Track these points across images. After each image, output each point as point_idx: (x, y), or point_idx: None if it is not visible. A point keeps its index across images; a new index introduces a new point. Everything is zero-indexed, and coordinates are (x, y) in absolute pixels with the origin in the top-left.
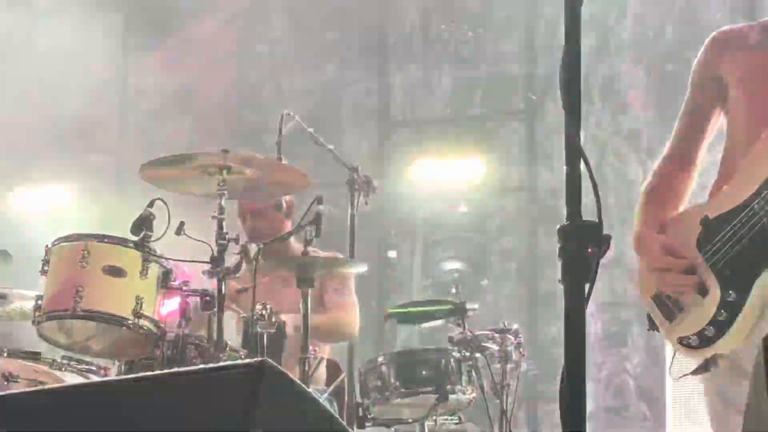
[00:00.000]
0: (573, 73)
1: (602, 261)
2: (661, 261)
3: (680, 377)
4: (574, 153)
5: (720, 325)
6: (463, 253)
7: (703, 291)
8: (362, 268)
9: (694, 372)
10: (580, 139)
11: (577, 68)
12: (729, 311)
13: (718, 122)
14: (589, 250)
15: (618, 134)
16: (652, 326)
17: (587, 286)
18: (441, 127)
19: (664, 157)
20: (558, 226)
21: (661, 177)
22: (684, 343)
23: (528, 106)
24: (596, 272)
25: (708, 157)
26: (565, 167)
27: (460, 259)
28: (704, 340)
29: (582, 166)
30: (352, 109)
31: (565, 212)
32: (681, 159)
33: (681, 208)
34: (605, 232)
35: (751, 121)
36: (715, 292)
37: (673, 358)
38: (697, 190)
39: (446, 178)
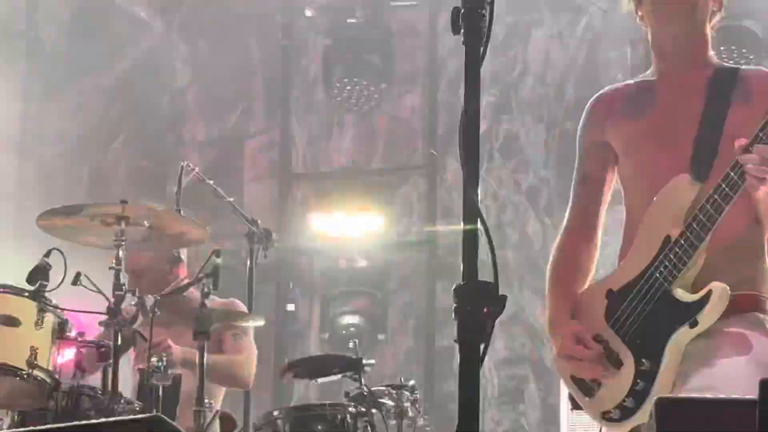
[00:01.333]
0: (472, 130)
1: (500, 318)
2: (573, 350)
3: None
4: (472, 211)
5: (639, 395)
6: (361, 308)
7: (617, 363)
8: (260, 322)
9: None
10: (478, 197)
11: (476, 126)
12: (645, 380)
13: (614, 182)
14: (485, 310)
15: (518, 192)
16: (575, 405)
17: (482, 346)
18: (342, 180)
19: (564, 229)
20: (454, 286)
21: (564, 252)
22: (607, 417)
23: (429, 162)
24: (491, 332)
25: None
26: (462, 225)
27: (358, 313)
28: (625, 412)
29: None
30: (253, 161)
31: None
32: (582, 229)
33: (590, 277)
34: (502, 290)
35: (643, 189)
36: (629, 363)
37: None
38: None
39: (346, 232)
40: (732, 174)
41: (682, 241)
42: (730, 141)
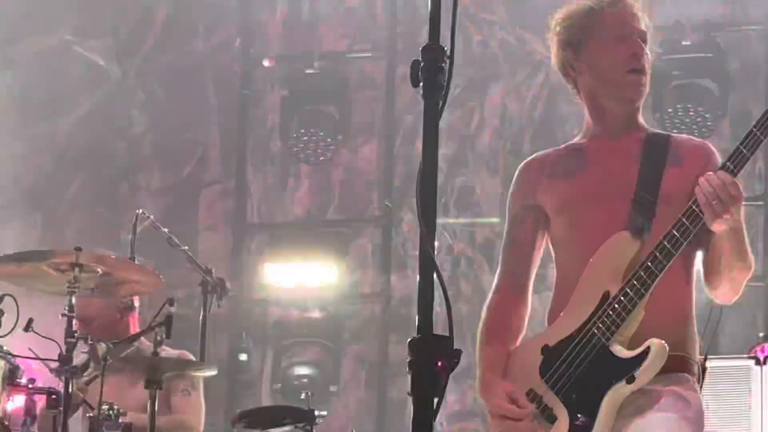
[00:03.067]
0: (430, 183)
1: (453, 373)
2: (506, 410)
3: None
4: (427, 264)
5: None
6: (314, 359)
7: (551, 418)
8: (212, 372)
9: None
10: (434, 250)
11: (434, 178)
12: None
13: (544, 246)
14: (439, 363)
15: (472, 245)
16: None
17: (436, 400)
18: (297, 230)
19: (494, 291)
20: (409, 339)
21: (495, 312)
22: None
23: (384, 213)
24: (446, 386)
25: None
26: (418, 278)
27: (311, 364)
28: None
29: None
30: (208, 210)
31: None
32: (512, 289)
33: (521, 337)
34: (456, 344)
35: (576, 247)
36: (563, 418)
37: None
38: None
39: (300, 283)
40: (684, 220)
41: (622, 297)
42: (665, 203)
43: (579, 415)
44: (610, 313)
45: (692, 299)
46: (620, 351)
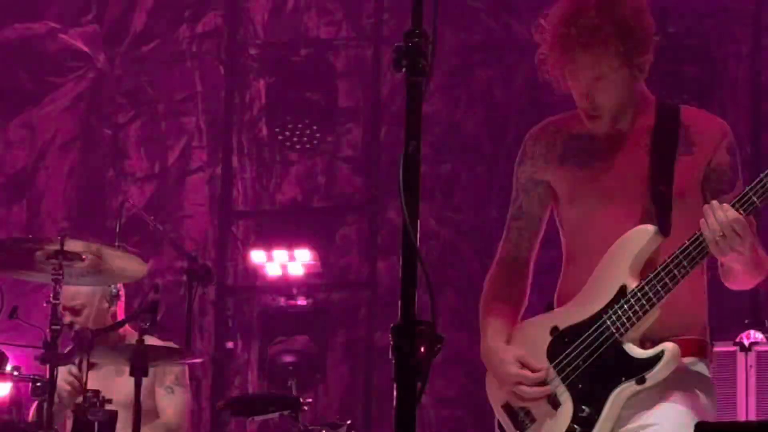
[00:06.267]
0: (412, 167)
1: (439, 359)
2: (515, 374)
3: None
4: (411, 251)
5: None
6: (300, 346)
7: (554, 402)
8: (198, 360)
9: None
10: (417, 236)
11: (416, 163)
12: (583, 426)
13: (546, 219)
14: (422, 349)
15: (458, 232)
16: None
17: (419, 385)
18: (283, 217)
19: (497, 262)
20: (391, 325)
21: (496, 285)
22: None
23: (370, 200)
24: (429, 372)
25: None
26: (400, 265)
27: (297, 351)
28: None
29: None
30: (193, 197)
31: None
32: (515, 262)
33: (522, 310)
34: (440, 331)
35: (587, 239)
36: (567, 406)
37: None
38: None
39: (286, 270)
40: (701, 239)
41: (640, 295)
42: (680, 195)
43: (584, 407)
44: (627, 309)
45: (705, 284)
46: (633, 349)
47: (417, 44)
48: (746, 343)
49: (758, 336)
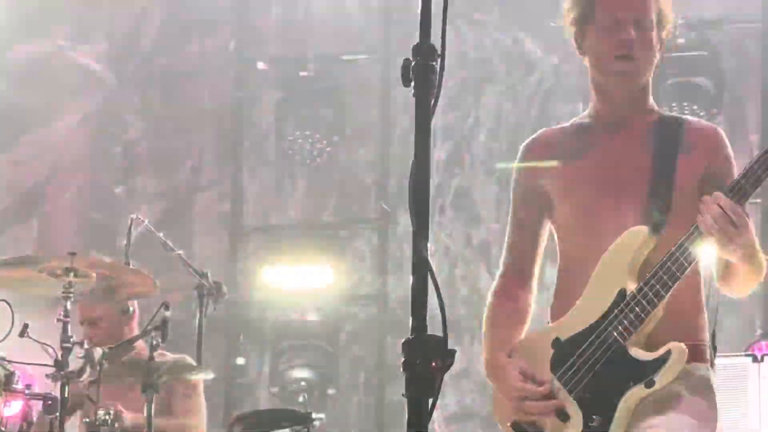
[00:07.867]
0: (422, 185)
1: (450, 373)
2: (520, 389)
3: None
4: (421, 265)
5: None
6: (311, 362)
7: (563, 416)
8: (209, 375)
9: None
10: (427, 251)
11: (426, 178)
12: None
13: (548, 227)
14: (433, 364)
15: (469, 246)
16: None
17: (431, 400)
18: (293, 233)
19: (500, 275)
20: (403, 340)
21: (500, 298)
22: None
23: (380, 215)
24: (440, 386)
25: None
26: (411, 279)
27: (309, 367)
28: None
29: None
30: (204, 214)
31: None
32: (518, 275)
33: (527, 323)
34: (453, 345)
35: (583, 236)
36: (577, 418)
37: None
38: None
39: (297, 285)
40: (696, 232)
41: (640, 298)
42: (680, 195)
43: (594, 417)
44: (628, 313)
45: (701, 285)
46: (638, 353)
47: (425, 58)
48: (758, 354)
49: None
